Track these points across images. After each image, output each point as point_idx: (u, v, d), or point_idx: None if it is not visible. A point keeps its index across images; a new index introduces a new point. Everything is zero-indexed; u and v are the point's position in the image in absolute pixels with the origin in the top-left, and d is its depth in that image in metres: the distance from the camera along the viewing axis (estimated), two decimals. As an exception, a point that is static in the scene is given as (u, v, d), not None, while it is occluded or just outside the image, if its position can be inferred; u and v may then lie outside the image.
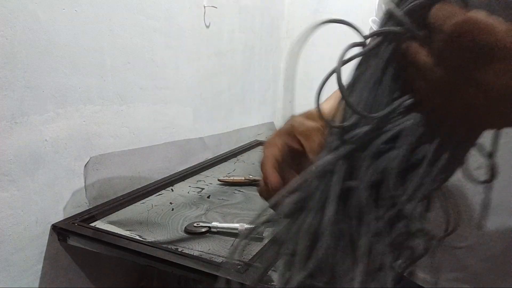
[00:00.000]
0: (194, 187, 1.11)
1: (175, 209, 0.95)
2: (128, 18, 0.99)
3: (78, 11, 0.85)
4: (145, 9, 1.04)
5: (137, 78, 1.04)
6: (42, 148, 0.81)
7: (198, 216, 0.91)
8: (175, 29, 1.17)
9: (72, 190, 0.89)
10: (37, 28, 0.76)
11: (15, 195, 0.76)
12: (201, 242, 0.79)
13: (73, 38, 0.84)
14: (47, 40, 0.79)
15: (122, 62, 0.99)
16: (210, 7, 1.30)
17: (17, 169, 0.76)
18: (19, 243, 0.78)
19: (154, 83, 1.11)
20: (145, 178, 1.10)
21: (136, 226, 0.86)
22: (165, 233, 0.83)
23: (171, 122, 1.21)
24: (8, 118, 0.73)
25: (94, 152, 0.94)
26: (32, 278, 0.82)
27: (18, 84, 0.74)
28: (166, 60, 1.15)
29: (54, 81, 0.81)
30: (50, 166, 0.83)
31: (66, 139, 0.86)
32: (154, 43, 1.09)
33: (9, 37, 0.71)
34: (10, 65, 0.72)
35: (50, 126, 0.82)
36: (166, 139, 1.19)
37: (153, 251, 0.74)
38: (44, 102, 0.80)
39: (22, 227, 0.78)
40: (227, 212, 0.94)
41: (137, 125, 1.07)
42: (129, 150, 1.05)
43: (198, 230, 0.83)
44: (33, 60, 0.76)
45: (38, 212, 0.81)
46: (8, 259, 0.76)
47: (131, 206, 0.97)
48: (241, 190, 1.09)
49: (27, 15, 0.74)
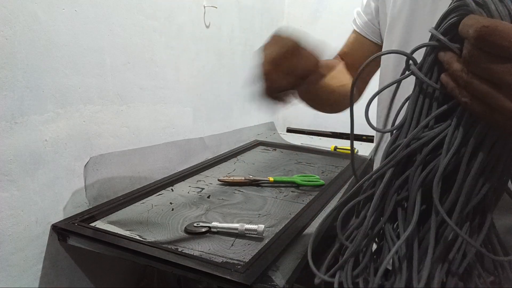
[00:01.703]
0: (194, 187, 1.11)
1: (175, 209, 0.95)
2: (128, 18, 0.99)
3: (78, 11, 0.85)
4: (145, 9, 1.04)
5: (137, 78, 1.04)
6: (42, 148, 0.81)
7: (198, 216, 0.91)
8: (175, 29, 1.17)
9: (72, 190, 0.89)
10: (37, 28, 0.76)
11: (15, 195, 0.76)
12: (201, 242, 0.79)
13: (73, 38, 0.84)
14: (47, 40, 0.79)
15: (122, 62, 0.99)
16: (210, 7, 1.30)
17: (17, 169, 0.76)
18: (19, 243, 0.78)
19: (154, 83, 1.11)
20: (145, 178, 1.10)
21: (136, 226, 0.86)
22: (165, 233, 0.83)
23: (171, 122, 1.21)
24: (8, 118, 0.73)
25: (94, 152, 0.94)
26: (32, 278, 0.82)
27: (18, 84, 0.74)
28: (166, 60, 1.15)
29: (54, 81, 0.81)
30: (50, 166, 0.83)
31: (66, 139, 0.86)
32: (154, 43, 1.09)
33: (9, 37, 0.71)
34: (10, 65, 0.72)
35: (50, 126, 0.82)
36: (166, 139, 1.19)
37: (153, 251, 0.74)
38: (44, 102, 0.80)
39: (22, 227, 0.78)
40: (227, 212, 0.94)
41: (137, 125, 1.07)
42: (129, 150, 1.05)
43: (198, 230, 0.83)
44: (33, 60, 0.76)
45: (38, 212, 0.81)
46: (8, 259, 0.76)
47: (131, 206, 0.97)
48: (241, 190, 1.09)
49: (27, 15, 0.74)
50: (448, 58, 0.34)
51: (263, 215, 0.93)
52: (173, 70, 1.19)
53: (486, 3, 0.31)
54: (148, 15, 1.05)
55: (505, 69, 0.29)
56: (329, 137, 1.88)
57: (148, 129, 1.12)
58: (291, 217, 0.91)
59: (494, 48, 0.29)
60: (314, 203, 1.00)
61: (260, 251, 0.75)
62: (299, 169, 1.31)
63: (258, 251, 0.75)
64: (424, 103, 0.37)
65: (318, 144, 1.67)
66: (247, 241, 0.80)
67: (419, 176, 0.37)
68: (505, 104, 0.30)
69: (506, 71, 0.29)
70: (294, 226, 0.86)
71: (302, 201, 1.02)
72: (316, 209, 0.96)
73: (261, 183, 1.13)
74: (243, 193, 1.07)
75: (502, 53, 0.29)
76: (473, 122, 0.34)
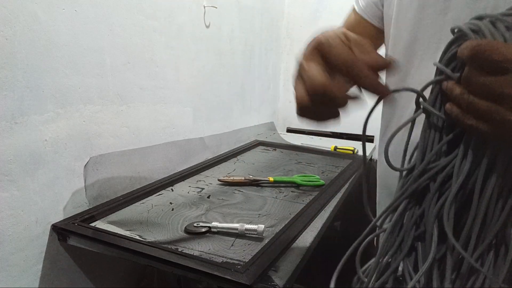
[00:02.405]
0: (194, 187, 1.11)
1: (175, 209, 0.95)
2: (128, 18, 0.99)
3: (78, 11, 0.85)
4: (145, 9, 1.04)
5: (137, 78, 1.04)
6: (42, 148, 0.81)
7: (198, 216, 0.91)
8: (175, 29, 1.17)
9: (72, 190, 0.89)
10: (37, 28, 0.76)
11: (15, 195, 0.76)
12: (201, 242, 0.79)
13: (73, 38, 0.84)
14: (47, 40, 0.79)
15: (122, 62, 0.99)
16: (210, 7, 1.30)
17: (17, 169, 0.76)
18: (19, 243, 0.78)
19: (154, 83, 1.11)
20: (145, 178, 1.10)
21: (136, 226, 0.86)
22: (165, 233, 0.83)
23: (171, 122, 1.21)
24: (8, 118, 0.73)
25: (94, 152, 0.94)
26: (32, 278, 0.82)
27: (18, 84, 0.74)
28: (166, 60, 1.15)
29: (54, 81, 0.81)
30: (50, 166, 0.83)
31: (66, 139, 0.86)
32: (154, 43, 1.09)
33: (9, 37, 0.71)
34: (10, 65, 0.72)
35: (50, 126, 0.82)
36: (166, 139, 1.19)
37: (153, 251, 0.74)
38: (44, 102, 0.80)
39: (22, 227, 0.78)
40: (227, 212, 0.94)
41: (137, 125, 1.07)
42: (129, 150, 1.05)
43: (198, 230, 0.83)
44: (33, 60, 0.76)
45: (38, 212, 0.81)
46: (8, 259, 0.76)
47: (131, 206, 0.97)
48: (241, 190, 1.09)
49: (27, 15, 0.74)
50: (450, 85, 0.36)
51: (263, 215, 0.93)
52: (173, 70, 1.19)
53: (481, 29, 0.34)
54: (148, 15, 1.05)
55: (502, 82, 0.31)
56: (329, 137, 1.88)
57: (148, 129, 1.12)
58: (291, 217, 0.91)
59: (488, 63, 0.31)
60: (314, 203, 1.00)
61: (260, 251, 0.75)
62: (299, 169, 1.31)
63: (258, 251, 0.75)
64: (435, 136, 0.39)
65: (318, 144, 1.67)
66: (247, 241, 0.80)
67: (435, 205, 0.38)
68: (508, 117, 0.31)
69: (503, 84, 0.31)
70: (294, 226, 0.86)
71: (302, 201, 1.02)
72: (316, 209, 0.96)
73: (261, 183, 1.13)
74: (243, 193, 1.07)
75: (497, 67, 0.31)
76: (482, 145, 0.35)
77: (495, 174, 0.35)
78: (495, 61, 0.31)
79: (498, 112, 0.31)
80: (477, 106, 0.32)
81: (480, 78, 0.32)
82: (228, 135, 1.55)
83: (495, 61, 0.31)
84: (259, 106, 1.84)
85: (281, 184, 1.14)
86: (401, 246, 0.41)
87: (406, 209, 0.40)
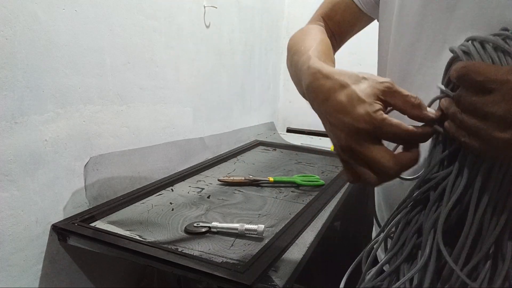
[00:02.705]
0: (194, 187, 1.11)
1: (175, 209, 0.95)
2: (128, 18, 0.99)
3: (78, 11, 0.85)
4: (145, 9, 1.04)
5: (137, 78, 1.04)
6: (42, 148, 0.81)
7: (198, 216, 0.91)
8: (175, 29, 1.17)
9: (72, 190, 0.89)
10: (37, 28, 0.76)
11: (15, 195, 0.76)
12: (201, 242, 0.79)
13: (73, 38, 0.84)
14: (47, 40, 0.79)
15: (122, 62, 0.99)
16: (210, 7, 1.30)
17: (17, 169, 0.76)
18: (19, 243, 0.78)
19: (154, 83, 1.11)
20: (145, 178, 1.10)
21: (136, 226, 0.86)
22: (165, 233, 0.83)
23: (171, 122, 1.21)
24: (8, 118, 0.73)
25: (94, 152, 0.94)
26: (32, 278, 0.82)
27: (18, 84, 0.74)
28: (166, 60, 1.15)
29: (54, 81, 0.81)
30: (50, 166, 0.83)
31: (66, 139, 0.86)
32: (154, 43, 1.09)
33: (9, 37, 0.71)
34: (10, 65, 0.72)
35: (50, 126, 0.82)
36: (166, 139, 1.19)
37: (153, 251, 0.74)
38: (44, 102, 0.80)
39: (22, 227, 0.78)
40: (227, 212, 0.94)
41: (137, 125, 1.07)
42: (129, 150, 1.05)
43: (198, 230, 0.83)
44: (33, 60, 0.76)
45: (38, 212, 0.81)
46: (8, 259, 0.76)
47: (131, 206, 0.97)
48: (241, 190, 1.09)
49: (27, 15, 0.74)
50: (447, 103, 0.38)
51: (263, 215, 0.93)
52: (173, 70, 1.19)
53: (470, 51, 0.37)
54: (148, 15, 1.05)
55: (486, 101, 0.33)
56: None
57: (148, 129, 1.12)
58: (291, 217, 0.91)
59: (473, 84, 0.34)
60: (314, 203, 1.00)
61: (260, 251, 0.75)
62: (299, 169, 1.31)
63: (258, 251, 0.75)
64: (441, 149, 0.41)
65: (318, 144, 1.67)
66: (247, 241, 0.80)
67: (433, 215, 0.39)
68: (494, 134, 0.33)
69: (488, 103, 0.33)
70: (294, 226, 0.86)
71: (302, 201, 1.02)
72: (316, 209, 0.96)
73: (261, 183, 1.13)
74: (243, 193, 1.07)
75: (481, 87, 0.33)
76: (477, 162, 0.37)
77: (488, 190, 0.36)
78: (479, 81, 0.33)
79: (486, 130, 0.33)
80: (467, 123, 0.35)
81: (468, 97, 0.35)
82: (228, 135, 1.55)
83: (479, 81, 0.33)
84: (259, 106, 1.84)
85: (281, 184, 1.14)
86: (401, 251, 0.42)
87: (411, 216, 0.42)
